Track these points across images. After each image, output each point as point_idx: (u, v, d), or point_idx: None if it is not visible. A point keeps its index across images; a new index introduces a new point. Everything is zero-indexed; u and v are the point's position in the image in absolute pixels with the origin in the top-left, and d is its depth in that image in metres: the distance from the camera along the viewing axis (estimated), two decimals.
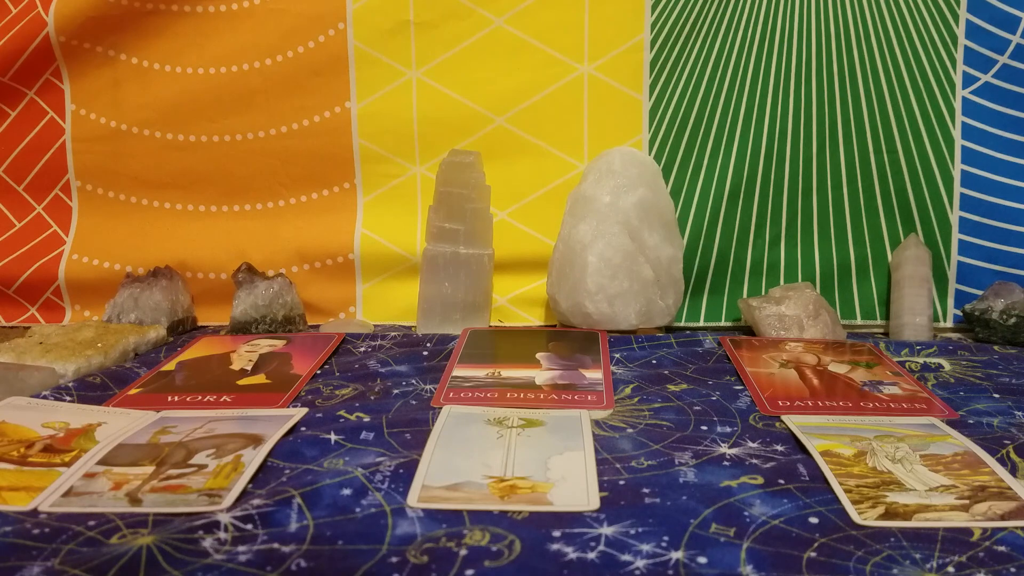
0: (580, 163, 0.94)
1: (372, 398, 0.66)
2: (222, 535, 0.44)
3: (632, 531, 0.44)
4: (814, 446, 0.54)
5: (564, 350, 0.78)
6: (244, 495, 0.49)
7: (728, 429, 0.59)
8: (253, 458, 0.53)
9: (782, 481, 0.50)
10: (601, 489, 0.49)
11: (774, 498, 0.48)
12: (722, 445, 0.56)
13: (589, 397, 0.66)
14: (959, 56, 0.91)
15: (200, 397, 0.67)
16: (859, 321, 0.93)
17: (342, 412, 0.62)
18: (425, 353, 0.78)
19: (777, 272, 0.94)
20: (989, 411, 0.63)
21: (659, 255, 0.84)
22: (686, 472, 0.52)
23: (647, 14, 0.92)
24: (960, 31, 0.90)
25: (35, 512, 0.48)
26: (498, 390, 0.67)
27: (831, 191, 0.93)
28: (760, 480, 0.50)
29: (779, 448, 0.56)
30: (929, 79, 0.91)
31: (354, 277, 0.96)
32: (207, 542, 0.44)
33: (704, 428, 0.60)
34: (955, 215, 0.92)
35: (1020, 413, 0.62)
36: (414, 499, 0.48)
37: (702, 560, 0.42)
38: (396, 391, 0.68)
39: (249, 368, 0.74)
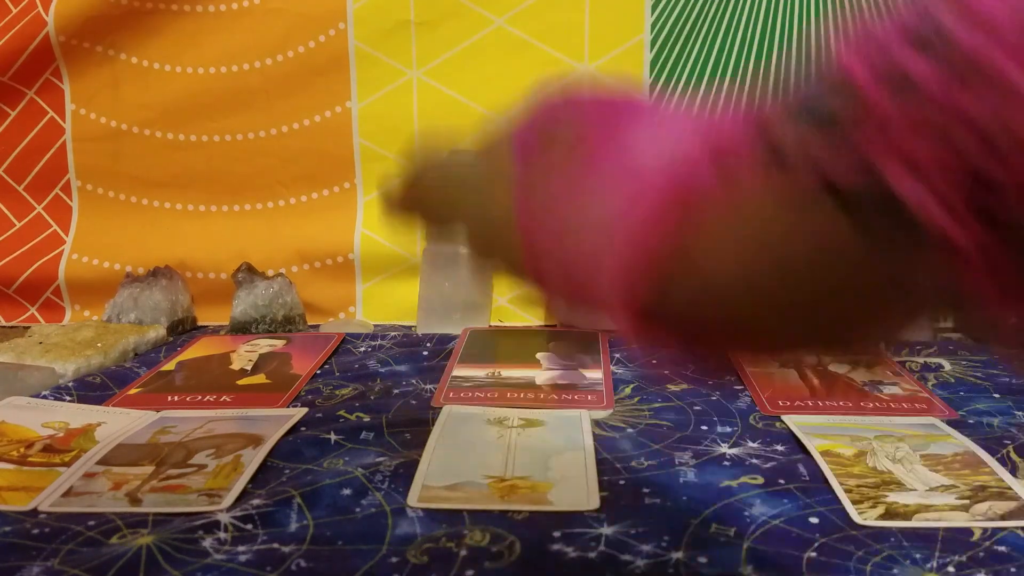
0: None
1: (372, 398, 0.66)
2: (222, 535, 0.44)
3: (632, 531, 0.44)
4: (814, 446, 0.54)
5: (564, 350, 0.78)
6: (244, 495, 0.49)
7: (728, 429, 0.59)
8: (253, 458, 0.53)
9: (782, 481, 0.50)
10: (601, 489, 0.49)
11: (774, 498, 0.48)
12: (722, 445, 0.56)
13: (589, 397, 0.66)
14: None
15: (200, 397, 0.67)
16: None
17: (342, 412, 0.62)
18: (425, 353, 0.78)
19: None
20: (989, 411, 0.63)
21: None
22: (686, 472, 0.52)
23: (647, 14, 0.92)
24: None
25: (35, 512, 0.48)
26: (498, 390, 0.67)
27: None
28: (760, 480, 0.50)
29: (779, 448, 0.56)
30: None
31: (354, 277, 0.96)
32: (207, 542, 0.44)
33: (704, 428, 0.60)
34: None
35: (1020, 413, 0.62)
36: (414, 499, 0.48)
37: (703, 560, 0.42)
38: (396, 391, 0.68)
39: (249, 368, 0.74)
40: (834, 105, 0.19)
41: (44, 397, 0.67)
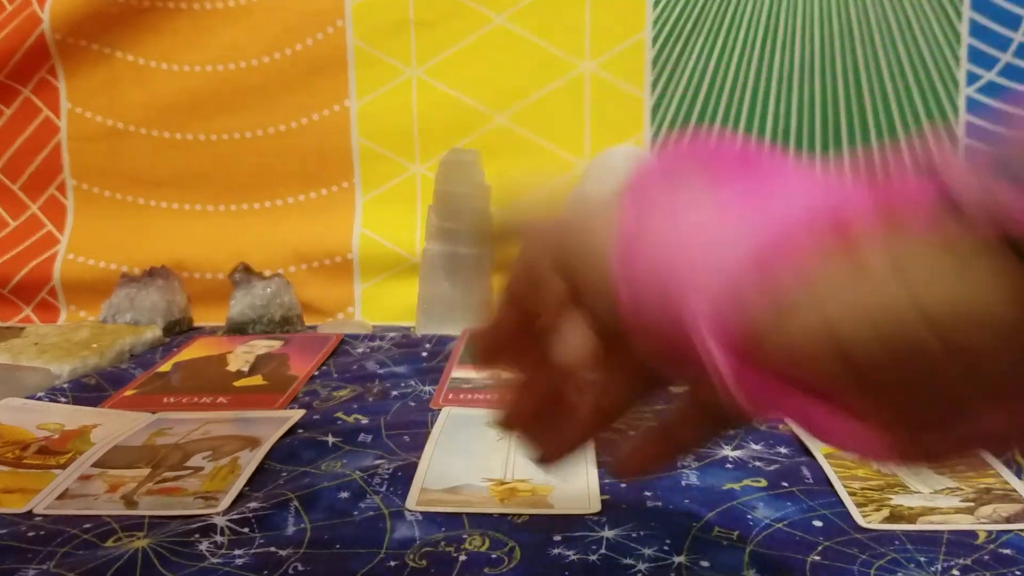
0: (581, 161, 0.93)
1: (370, 399, 0.66)
2: (218, 538, 0.44)
3: (634, 534, 0.44)
4: (818, 448, 0.54)
5: None
6: (240, 498, 0.49)
7: (731, 431, 0.59)
8: (250, 460, 0.53)
9: (786, 484, 0.50)
10: (602, 492, 0.49)
11: (777, 501, 0.48)
12: (725, 447, 0.56)
13: None
14: (963, 54, 0.90)
15: (196, 398, 0.67)
16: None
17: (340, 414, 0.62)
18: (424, 354, 0.77)
19: None
20: None
21: None
22: (688, 475, 0.51)
23: (649, 11, 0.91)
24: (964, 29, 0.90)
25: (30, 514, 0.47)
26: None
27: None
28: (763, 483, 0.50)
29: (782, 450, 0.55)
30: (933, 78, 0.91)
31: (352, 277, 0.95)
32: (203, 545, 0.43)
33: None
34: None
35: None
36: (413, 502, 0.47)
37: (705, 564, 0.41)
38: (395, 392, 0.67)
39: (246, 369, 0.74)
40: None
41: (39, 398, 0.66)
